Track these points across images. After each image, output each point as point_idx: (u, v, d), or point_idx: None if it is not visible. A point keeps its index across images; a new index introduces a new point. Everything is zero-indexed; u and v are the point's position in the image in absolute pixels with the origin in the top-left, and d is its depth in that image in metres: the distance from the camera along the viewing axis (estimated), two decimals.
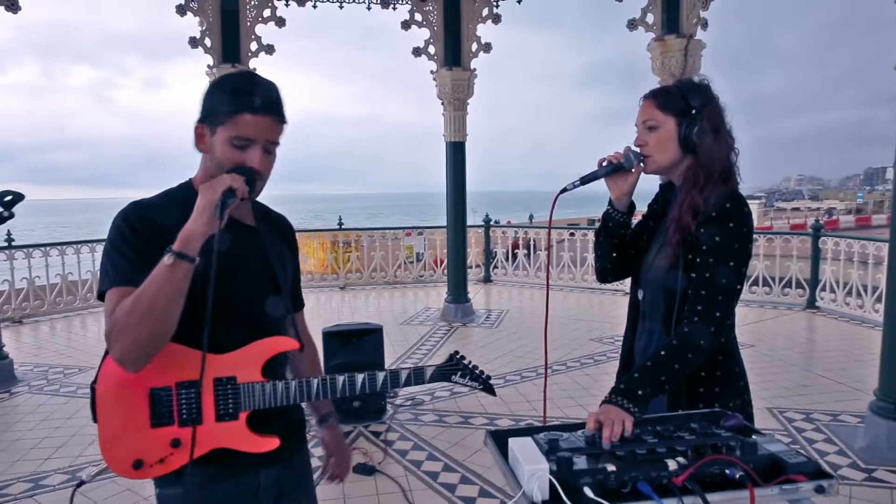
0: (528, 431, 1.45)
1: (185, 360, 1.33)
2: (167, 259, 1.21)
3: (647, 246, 1.91)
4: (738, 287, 1.64)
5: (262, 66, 6.95)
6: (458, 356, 1.55)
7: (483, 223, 10.83)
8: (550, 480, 1.17)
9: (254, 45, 6.86)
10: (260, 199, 1.53)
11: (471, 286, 8.36)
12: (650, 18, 6.07)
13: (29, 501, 3.28)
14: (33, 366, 5.86)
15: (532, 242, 11.06)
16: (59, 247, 8.33)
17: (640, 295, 1.90)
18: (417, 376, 1.49)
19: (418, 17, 7.37)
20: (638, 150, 1.78)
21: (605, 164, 1.80)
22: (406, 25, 7.37)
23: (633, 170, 1.78)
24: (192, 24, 6.69)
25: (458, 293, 7.88)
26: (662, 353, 1.57)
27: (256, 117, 1.34)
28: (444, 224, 8.15)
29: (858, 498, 3.23)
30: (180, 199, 1.37)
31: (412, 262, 11.26)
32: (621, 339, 2.04)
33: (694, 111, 1.70)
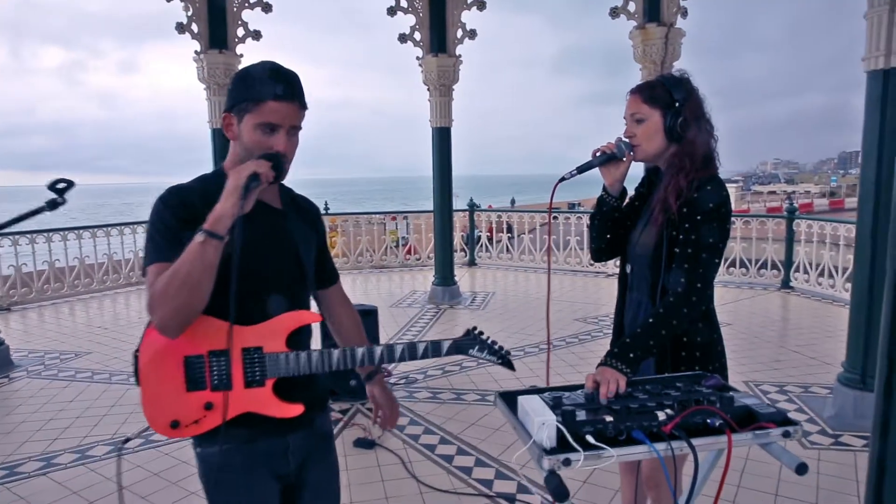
0: (534, 392, 1.62)
1: (216, 330, 1.45)
2: (199, 237, 1.33)
3: (633, 224, 2.09)
4: (717, 261, 1.82)
5: (249, 52, 7.00)
6: (475, 331, 1.63)
7: (467, 207, 10.98)
8: (557, 428, 1.34)
9: (241, 31, 6.89)
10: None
11: (456, 269, 8.52)
12: (632, 7, 6.22)
13: (43, 479, 3.41)
14: (28, 351, 5.93)
15: (507, 226, 11.29)
16: (45, 234, 8.32)
17: (628, 269, 2.08)
18: (435, 349, 1.58)
19: (404, 3, 7.43)
20: (628, 140, 1.94)
21: (598, 154, 1.97)
22: (392, 11, 7.44)
23: (624, 159, 1.95)
24: (172, 8, 6.67)
25: (445, 276, 8.04)
26: (651, 320, 1.75)
27: (280, 104, 1.44)
28: (427, 209, 8.27)
29: (826, 461, 3.48)
30: (213, 184, 1.48)
31: (397, 247, 11.38)
32: (604, 318, 2.23)
33: (677, 104, 1.87)
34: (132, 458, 3.64)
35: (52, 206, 1.44)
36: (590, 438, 1.35)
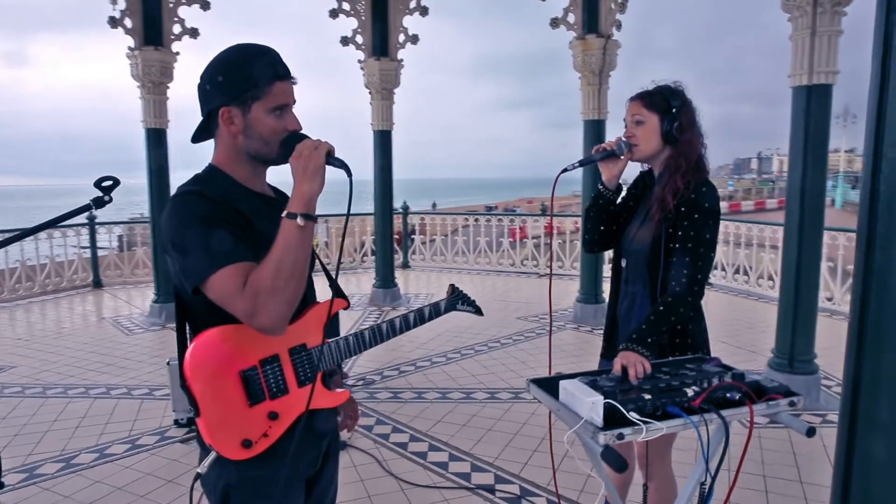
0: (557, 378, 1.73)
1: (260, 338, 1.39)
2: (299, 221, 1.29)
3: (628, 222, 2.25)
4: (713, 255, 2.02)
5: (185, 50, 6.77)
6: (458, 289, 1.82)
7: (401, 210, 11.03)
8: (607, 406, 1.45)
9: (177, 28, 6.66)
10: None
11: None
12: (571, 18, 6.52)
13: None
14: None
15: (412, 228, 11.38)
16: None
17: (623, 263, 2.24)
18: (436, 310, 1.74)
19: (346, 6, 7.42)
20: (627, 140, 2.11)
21: (600, 150, 2.12)
22: (334, 14, 7.40)
23: (622, 156, 2.12)
24: (87, 2, 6.36)
25: (385, 278, 8.06)
26: (661, 308, 1.91)
27: (285, 83, 1.41)
28: (354, 212, 8.23)
29: (766, 437, 3.81)
30: (219, 182, 1.44)
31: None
32: (544, 317, 2.40)
33: (674, 110, 2.06)
34: (88, 473, 3.46)
35: (99, 203, 1.41)
36: (633, 415, 1.47)
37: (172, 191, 6.09)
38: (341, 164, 1.36)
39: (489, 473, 3.40)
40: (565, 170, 2.14)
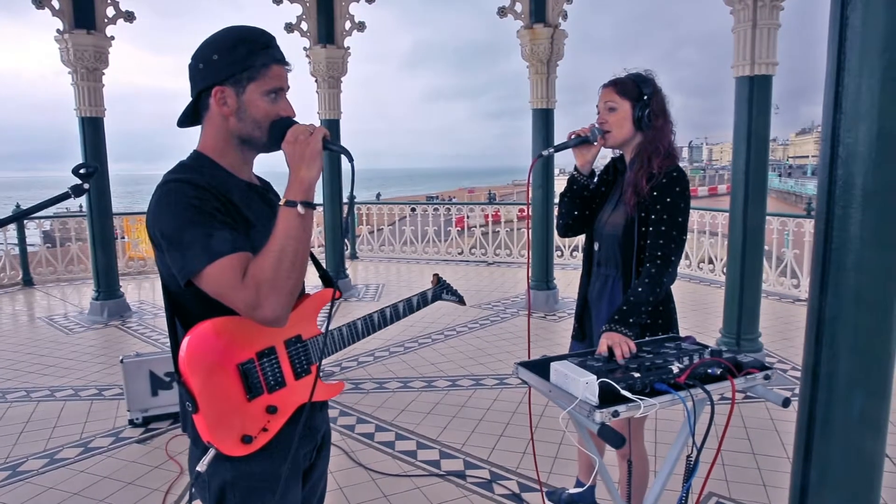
0: (547, 361, 1.76)
1: (255, 330, 1.36)
2: (300, 209, 1.27)
3: (600, 207, 2.31)
4: (685, 237, 2.10)
5: (120, 33, 6.44)
6: (442, 279, 1.85)
7: (346, 200, 10.90)
8: (601, 384, 1.50)
9: (111, 11, 6.34)
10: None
11: None
12: (519, 7, 6.58)
13: None
14: None
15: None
16: None
17: (596, 247, 2.30)
18: (424, 300, 1.80)
19: None
20: (599, 126, 2.16)
21: (573, 136, 2.17)
22: (278, 0, 7.21)
23: (595, 143, 2.17)
24: None
25: (336, 269, 7.96)
26: (640, 289, 1.98)
27: (281, 67, 1.39)
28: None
29: (718, 413, 3.99)
30: (206, 169, 1.39)
31: None
32: (497, 304, 2.47)
33: (645, 97, 2.12)
34: (39, 480, 3.30)
35: (78, 191, 1.34)
36: (626, 393, 1.52)
37: (111, 183, 5.79)
38: (341, 149, 1.34)
39: (458, 460, 3.43)
40: (541, 155, 2.18)
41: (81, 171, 1.35)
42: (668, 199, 2.06)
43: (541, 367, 1.72)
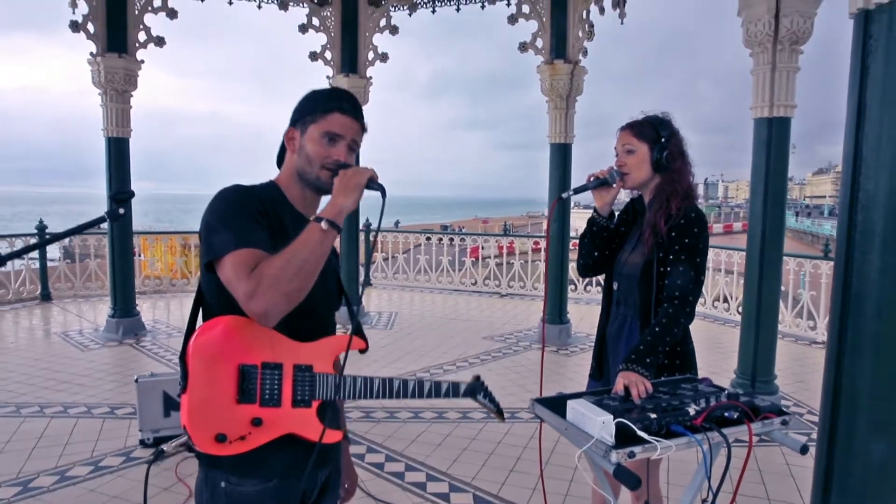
0: (564, 398, 1.76)
1: (272, 342, 1.41)
2: (323, 225, 1.36)
3: (619, 246, 2.33)
4: (702, 278, 2.10)
5: (150, 58, 6.64)
6: (481, 379, 1.72)
7: (364, 227, 10.99)
8: (618, 424, 1.49)
9: (142, 36, 6.53)
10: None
11: None
12: (539, 43, 6.70)
13: None
14: None
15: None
16: None
17: (615, 286, 2.31)
18: (455, 391, 1.66)
19: (315, 21, 7.43)
20: (618, 169, 2.19)
21: (592, 178, 2.20)
22: (303, 29, 7.40)
23: (615, 185, 2.20)
24: (26, 2, 6.19)
25: (350, 296, 7.99)
26: (657, 329, 1.98)
27: (345, 117, 1.51)
28: None
29: (735, 456, 3.93)
30: (272, 192, 1.53)
31: None
32: (510, 336, 2.46)
33: (663, 139, 2.15)
34: (49, 497, 3.31)
35: (114, 216, 1.39)
36: (642, 434, 1.52)
37: (133, 202, 5.90)
38: (379, 187, 1.46)
39: (468, 493, 3.40)
40: (560, 197, 2.22)
41: (119, 196, 1.39)
42: (687, 240, 2.07)
43: (557, 405, 1.72)
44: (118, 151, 6.49)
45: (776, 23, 4.21)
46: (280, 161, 1.62)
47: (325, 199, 1.75)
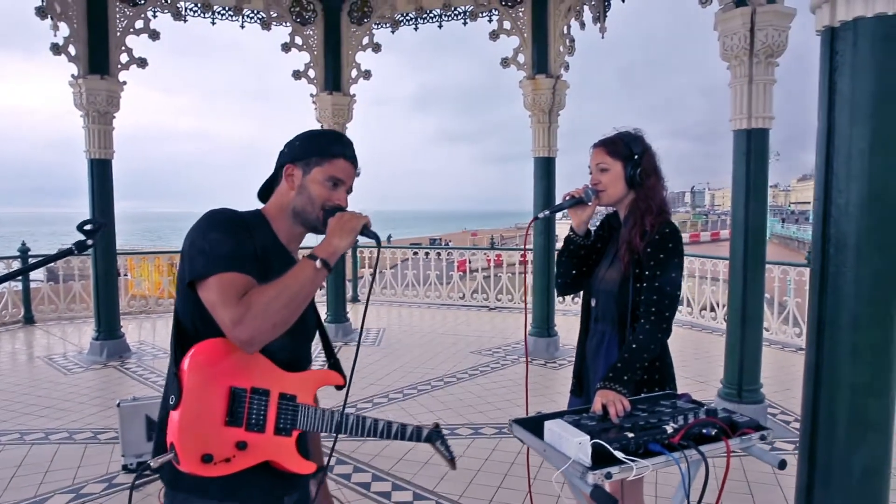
0: (542, 418, 1.76)
1: (262, 368, 1.45)
2: (318, 264, 1.40)
3: (597, 262, 2.33)
4: (678, 293, 2.11)
5: (132, 79, 6.62)
6: (440, 427, 1.83)
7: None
8: (594, 445, 1.49)
9: (124, 57, 6.52)
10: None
11: None
12: (521, 58, 6.75)
13: None
14: None
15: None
16: None
17: (593, 302, 2.31)
18: (418, 435, 1.77)
19: (298, 40, 7.45)
20: (593, 187, 2.21)
21: (568, 197, 2.21)
22: (286, 48, 7.41)
23: (590, 203, 2.21)
24: (20, 25, 6.18)
25: (337, 313, 7.97)
26: (634, 346, 1.98)
27: (348, 164, 1.59)
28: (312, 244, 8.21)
29: (716, 466, 3.93)
30: (258, 221, 1.56)
31: None
32: (498, 350, 2.47)
33: (636, 156, 2.16)
34: None
35: (81, 248, 1.37)
36: (619, 454, 1.51)
37: (117, 221, 5.86)
38: (373, 236, 1.53)
39: None
40: (536, 217, 2.24)
41: (87, 227, 1.38)
42: (662, 256, 2.08)
43: (536, 425, 1.71)
44: (101, 173, 6.44)
45: (751, 36, 4.28)
46: (264, 193, 1.65)
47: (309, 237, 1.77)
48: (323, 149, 1.56)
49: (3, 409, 5.10)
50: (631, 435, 1.57)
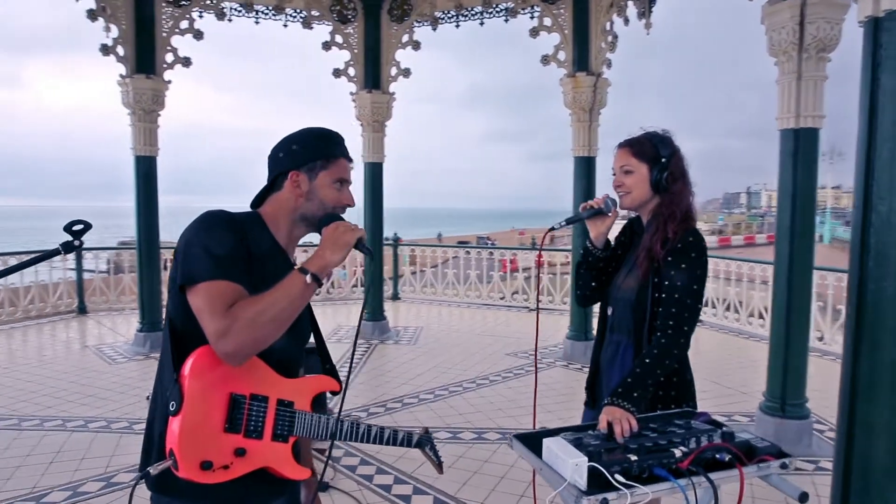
0: (543, 434, 1.67)
1: (261, 374, 1.45)
2: (307, 279, 1.37)
3: (616, 269, 2.22)
4: (699, 306, 1.98)
5: (177, 78, 6.78)
6: (430, 433, 1.85)
7: (392, 241, 10.99)
8: (590, 468, 1.40)
9: (170, 57, 6.69)
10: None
11: None
12: (562, 56, 6.59)
13: None
14: None
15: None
16: None
17: (610, 311, 2.20)
18: (408, 441, 1.78)
19: (339, 38, 7.49)
20: (616, 198, 2.09)
21: (589, 207, 2.11)
22: (327, 46, 7.46)
23: (609, 214, 2.11)
24: (66, 23, 6.41)
25: (375, 311, 7.98)
26: (647, 360, 1.87)
27: (347, 162, 1.61)
28: None
29: (752, 483, 3.73)
30: (255, 222, 1.55)
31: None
32: (532, 353, 2.38)
33: (663, 159, 2.04)
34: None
35: (68, 248, 1.37)
36: (619, 477, 1.42)
37: (160, 217, 6.02)
38: (367, 251, 1.50)
39: None
40: (552, 228, 2.19)
41: (74, 227, 1.38)
42: (683, 265, 1.96)
43: (536, 441, 1.63)
44: (146, 169, 6.64)
45: (801, 30, 4.03)
46: (258, 200, 1.62)
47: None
48: (325, 152, 1.56)
49: (50, 395, 5.30)
50: (634, 458, 1.47)
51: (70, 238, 1.36)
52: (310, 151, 1.56)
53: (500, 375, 6.10)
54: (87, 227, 1.39)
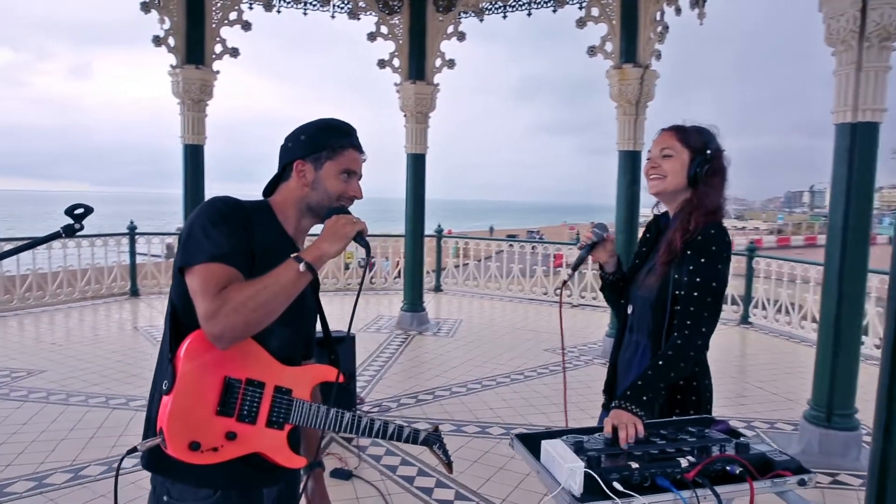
0: (548, 435, 1.61)
1: (260, 359, 1.45)
2: (301, 267, 1.37)
3: (639, 267, 2.12)
4: (719, 306, 1.87)
5: (225, 68, 6.92)
6: (439, 432, 1.76)
7: (435, 233, 10.99)
8: (586, 474, 1.33)
9: (218, 48, 6.83)
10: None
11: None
12: (609, 47, 6.42)
13: None
14: None
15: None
16: None
17: (630, 310, 2.11)
18: (415, 437, 1.69)
19: (384, 29, 7.50)
20: (648, 172, 2.00)
21: (582, 247, 2.10)
22: (372, 37, 7.48)
23: (605, 238, 2.07)
24: (132, 17, 6.60)
25: (414, 302, 8.00)
26: (660, 363, 1.78)
27: (356, 153, 1.59)
28: (396, 232, 8.27)
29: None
30: (263, 210, 1.55)
31: (347, 269, 11.32)
32: (572, 349, 2.34)
33: (709, 152, 1.93)
34: (95, 486, 3.48)
35: (70, 231, 1.39)
36: (617, 485, 1.35)
37: None
38: (365, 245, 1.50)
39: None
40: (565, 282, 2.46)
41: (76, 211, 1.40)
42: (703, 260, 1.84)
43: (538, 443, 1.57)
44: (194, 157, 6.81)
45: (863, 17, 3.78)
46: (269, 190, 1.63)
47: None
48: (331, 142, 1.55)
49: (97, 373, 5.52)
50: (635, 466, 1.39)
51: (71, 221, 1.38)
52: (316, 141, 1.56)
53: (535, 371, 6.02)
54: (89, 210, 1.41)
